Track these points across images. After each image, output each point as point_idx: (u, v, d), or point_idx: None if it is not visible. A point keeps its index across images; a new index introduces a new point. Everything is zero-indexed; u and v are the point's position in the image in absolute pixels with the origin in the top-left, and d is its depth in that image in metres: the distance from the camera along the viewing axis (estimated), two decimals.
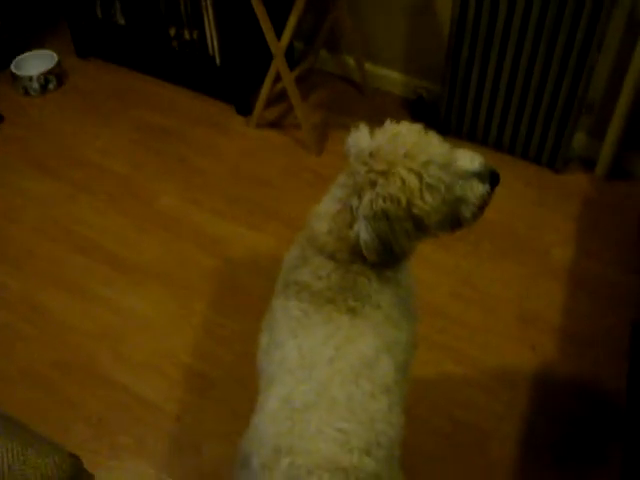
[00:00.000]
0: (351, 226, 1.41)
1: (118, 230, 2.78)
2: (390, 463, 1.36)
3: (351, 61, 3.36)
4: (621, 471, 2.02)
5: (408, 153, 1.37)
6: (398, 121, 1.47)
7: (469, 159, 1.47)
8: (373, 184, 1.37)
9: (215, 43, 3.09)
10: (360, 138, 1.45)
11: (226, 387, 2.28)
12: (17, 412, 2.03)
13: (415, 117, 3.19)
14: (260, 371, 1.54)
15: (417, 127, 1.44)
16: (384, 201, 1.35)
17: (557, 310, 2.47)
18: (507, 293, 2.53)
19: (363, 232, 1.38)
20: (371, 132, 1.45)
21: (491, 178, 1.49)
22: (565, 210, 2.81)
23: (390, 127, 1.45)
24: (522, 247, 2.68)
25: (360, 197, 1.39)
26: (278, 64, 2.91)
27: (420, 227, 1.41)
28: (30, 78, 3.36)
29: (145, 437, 2.17)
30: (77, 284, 2.59)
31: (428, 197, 1.37)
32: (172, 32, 3.20)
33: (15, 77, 3.38)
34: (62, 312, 2.50)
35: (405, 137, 1.40)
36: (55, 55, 3.46)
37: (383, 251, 1.40)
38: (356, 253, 1.43)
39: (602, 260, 2.62)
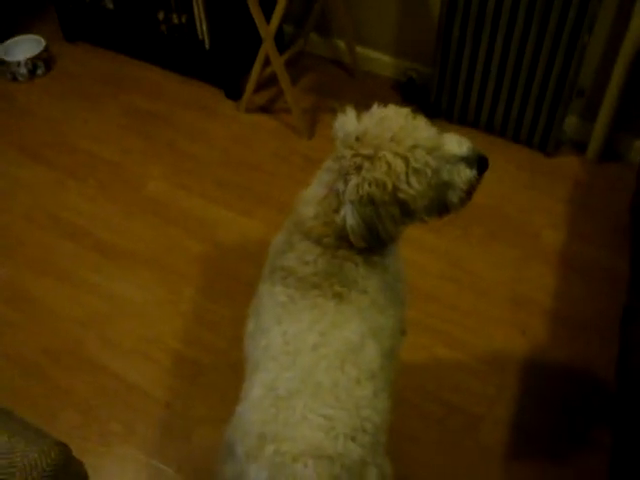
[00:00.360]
0: (337, 211, 1.40)
1: (107, 216, 2.76)
2: (376, 449, 1.35)
3: (341, 44, 3.34)
4: (611, 454, 2.02)
5: (395, 137, 1.36)
6: (387, 104, 1.46)
7: (457, 143, 1.46)
8: (359, 168, 1.36)
9: (204, 27, 3.05)
10: (347, 122, 1.43)
11: (216, 373, 2.27)
12: (5, 399, 2.02)
13: (406, 99, 3.17)
14: (246, 357, 1.54)
15: (405, 111, 1.42)
16: (370, 185, 1.34)
17: (548, 293, 2.47)
18: (498, 276, 2.52)
19: (349, 217, 1.37)
20: (358, 115, 1.44)
21: (479, 163, 1.47)
22: (556, 193, 2.80)
23: (377, 111, 1.43)
24: (513, 230, 2.67)
25: (346, 181, 1.38)
26: (267, 48, 2.88)
27: (406, 212, 1.40)
28: (18, 63, 3.33)
29: (135, 423, 2.16)
30: (65, 270, 2.58)
31: (414, 182, 1.36)
32: (161, 16, 3.17)
33: (2, 63, 3.35)
34: (51, 299, 2.49)
35: (392, 121, 1.39)
36: (43, 40, 3.42)
37: (369, 236, 1.39)
38: (342, 238, 1.42)
39: (593, 243, 2.62)
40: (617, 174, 2.86)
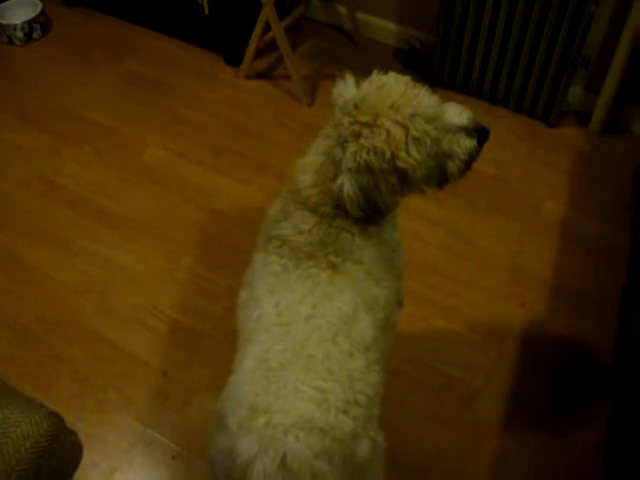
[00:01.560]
0: (334, 179, 1.38)
1: (104, 183, 2.74)
2: (369, 422, 1.34)
3: (343, 10, 3.29)
4: (607, 428, 2.02)
5: (394, 105, 1.34)
6: (387, 71, 1.43)
7: (457, 113, 1.44)
8: (357, 136, 1.34)
9: None
10: (346, 88, 1.41)
11: (213, 342, 2.26)
12: (1, 368, 2.02)
13: (407, 68, 3.13)
14: (238, 327, 1.53)
15: (405, 78, 1.40)
16: (368, 153, 1.32)
17: (548, 266, 2.45)
18: (499, 248, 2.51)
19: (346, 185, 1.35)
20: (357, 82, 1.42)
21: (480, 134, 1.45)
22: (559, 165, 2.77)
23: (377, 78, 1.41)
24: (515, 202, 2.65)
25: (344, 149, 1.36)
26: (267, 13, 2.83)
27: (405, 181, 1.38)
28: (14, 27, 3.28)
29: (131, 392, 2.16)
30: (62, 237, 2.56)
31: (413, 151, 1.34)
32: None
33: None
34: (47, 266, 2.47)
35: (392, 88, 1.37)
36: (39, 3, 3.37)
37: (367, 205, 1.37)
38: (339, 207, 1.41)
39: (595, 216, 2.60)
40: (620, 147, 2.83)
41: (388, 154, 1.32)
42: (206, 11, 3.07)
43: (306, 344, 1.32)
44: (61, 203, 2.67)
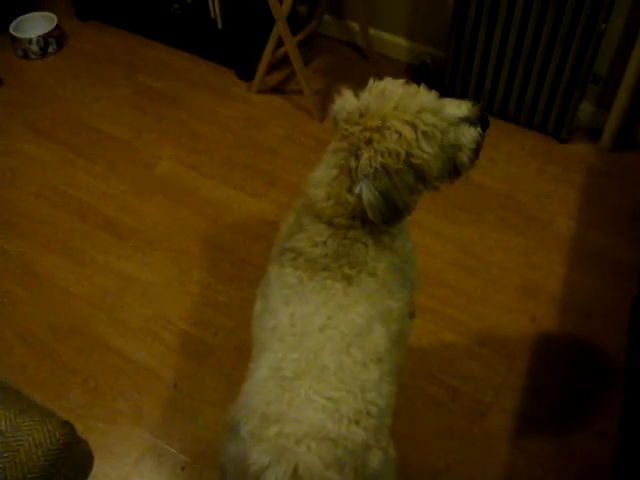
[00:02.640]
0: (350, 190, 1.40)
1: (117, 195, 2.75)
2: (380, 433, 1.35)
3: (355, 26, 3.31)
4: (617, 444, 2.01)
5: (398, 106, 1.37)
6: (382, 78, 1.46)
7: (456, 105, 1.48)
8: (369, 142, 1.36)
9: (217, 6, 3.03)
10: (347, 101, 1.43)
11: (224, 354, 2.27)
12: (13, 377, 2.03)
13: (419, 84, 3.14)
14: (253, 338, 1.54)
15: (400, 81, 1.44)
16: (383, 157, 1.34)
17: (559, 282, 2.45)
18: (509, 263, 2.51)
19: (365, 192, 1.37)
20: (356, 94, 1.44)
21: (481, 121, 1.49)
22: (569, 180, 2.78)
23: (374, 85, 1.44)
24: (525, 217, 2.65)
25: (358, 157, 1.37)
26: (280, 28, 2.86)
27: (421, 178, 1.40)
28: (30, 41, 3.31)
29: (142, 403, 2.16)
30: (75, 249, 2.57)
31: (425, 145, 1.37)
32: None
33: (14, 39, 3.33)
34: (59, 277, 2.49)
35: (392, 91, 1.40)
36: (55, 17, 3.40)
37: (387, 208, 1.39)
38: (355, 217, 1.42)
39: (605, 232, 2.60)
40: (631, 163, 2.83)
41: (403, 153, 1.35)
42: (219, 25, 3.10)
43: (320, 354, 1.33)
44: (74, 214, 2.69)
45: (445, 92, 2.95)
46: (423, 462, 2.03)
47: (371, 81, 1.45)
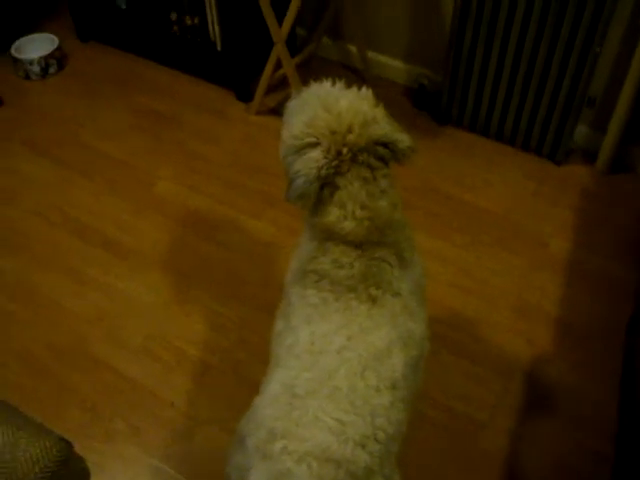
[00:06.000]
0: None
1: (115, 214, 2.77)
2: (386, 459, 1.33)
3: (353, 49, 3.35)
4: (614, 464, 2.01)
5: (340, 113, 1.43)
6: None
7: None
8: (353, 158, 1.42)
9: (216, 28, 3.07)
10: (293, 128, 1.50)
11: (221, 374, 2.27)
12: (11, 396, 2.02)
13: (417, 106, 3.17)
14: (271, 355, 1.54)
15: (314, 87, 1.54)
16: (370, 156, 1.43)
17: (555, 302, 2.46)
18: (505, 284, 2.52)
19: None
20: (285, 116, 1.55)
21: None
22: (565, 203, 2.79)
23: (297, 103, 1.54)
24: (521, 239, 2.67)
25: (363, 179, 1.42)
26: (279, 51, 2.89)
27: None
28: (31, 62, 3.34)
29: (139, 423, 2.16)
30: (73, 268, 2.58)
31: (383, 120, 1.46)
32: (173, 17, 3.18)
33: (16, 60, 3.36)
34: (57, 295, 2.50)
35: (324, 100, 1.48)
36: (56, 38, 3.43)
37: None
38: (382, 232, 1.45)
39: (601, 254, 2.61)
40: (626, 186, 2.85)
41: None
42: (219, 47, 3.13)
43: (334, 375, 1.32)
44: (72, 233, 2.70)
45: (442, 115, 3.00)
46: None
47: (290, 99, 1.53)
